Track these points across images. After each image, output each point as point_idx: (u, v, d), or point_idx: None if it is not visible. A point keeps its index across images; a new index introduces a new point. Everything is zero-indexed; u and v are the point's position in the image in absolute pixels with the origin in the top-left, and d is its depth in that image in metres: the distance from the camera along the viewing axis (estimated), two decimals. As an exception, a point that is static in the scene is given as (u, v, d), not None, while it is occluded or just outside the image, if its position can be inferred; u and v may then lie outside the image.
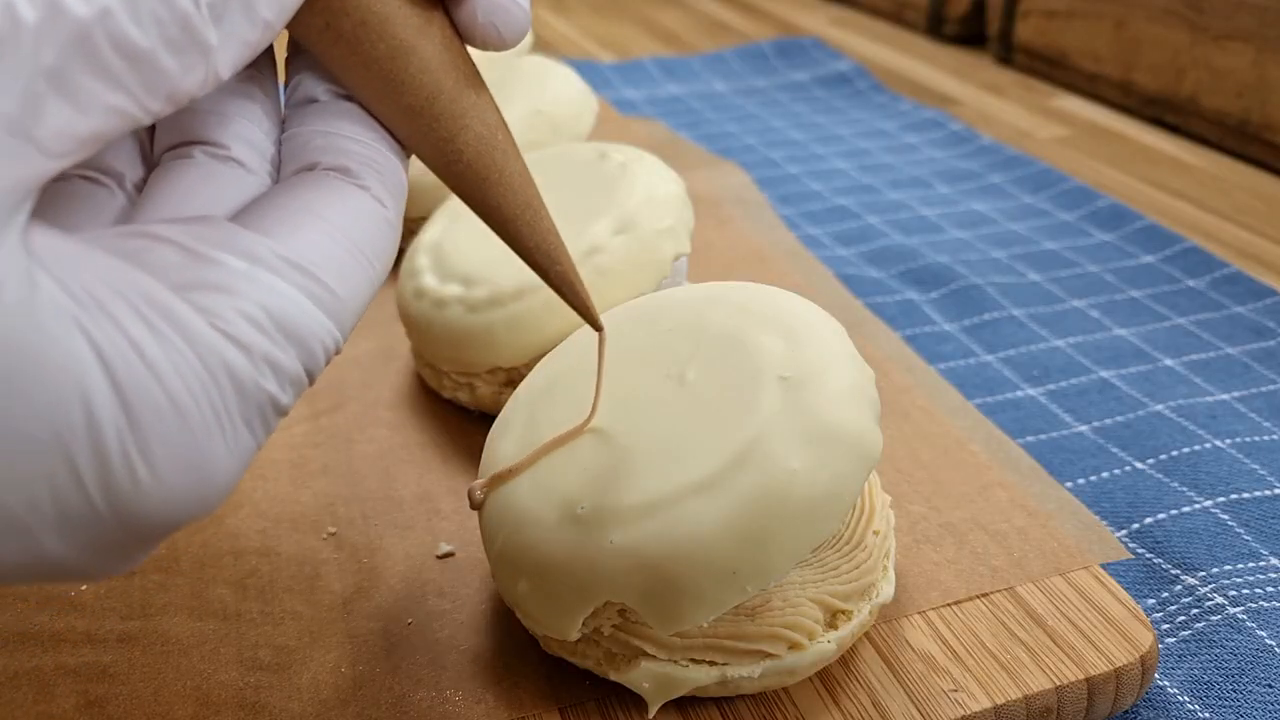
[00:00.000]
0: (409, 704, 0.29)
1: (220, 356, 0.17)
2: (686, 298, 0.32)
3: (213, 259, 0.18)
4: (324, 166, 0.21)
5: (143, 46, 0.16)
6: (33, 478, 0.16)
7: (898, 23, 1.03)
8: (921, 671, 0.30)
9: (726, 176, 0.64)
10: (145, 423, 0.16)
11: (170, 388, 0.17)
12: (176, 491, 0.17)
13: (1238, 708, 0.30)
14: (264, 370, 0.18)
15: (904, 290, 0.54)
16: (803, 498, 0.26)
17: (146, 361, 0.16)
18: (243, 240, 0.19)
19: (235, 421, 0.18)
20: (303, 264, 0.19)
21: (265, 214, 0.20)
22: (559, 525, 0.27)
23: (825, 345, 0.29)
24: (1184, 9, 0.72)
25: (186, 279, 0.18)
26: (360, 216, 0.20)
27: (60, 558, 0.17)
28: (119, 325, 0.16)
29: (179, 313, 0.17)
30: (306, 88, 0.23)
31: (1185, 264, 0.55)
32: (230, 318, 0.18)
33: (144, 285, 0.17)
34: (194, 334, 0.17)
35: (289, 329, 0.19)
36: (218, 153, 0.21)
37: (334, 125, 0.22)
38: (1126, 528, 0.37)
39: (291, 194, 0.20)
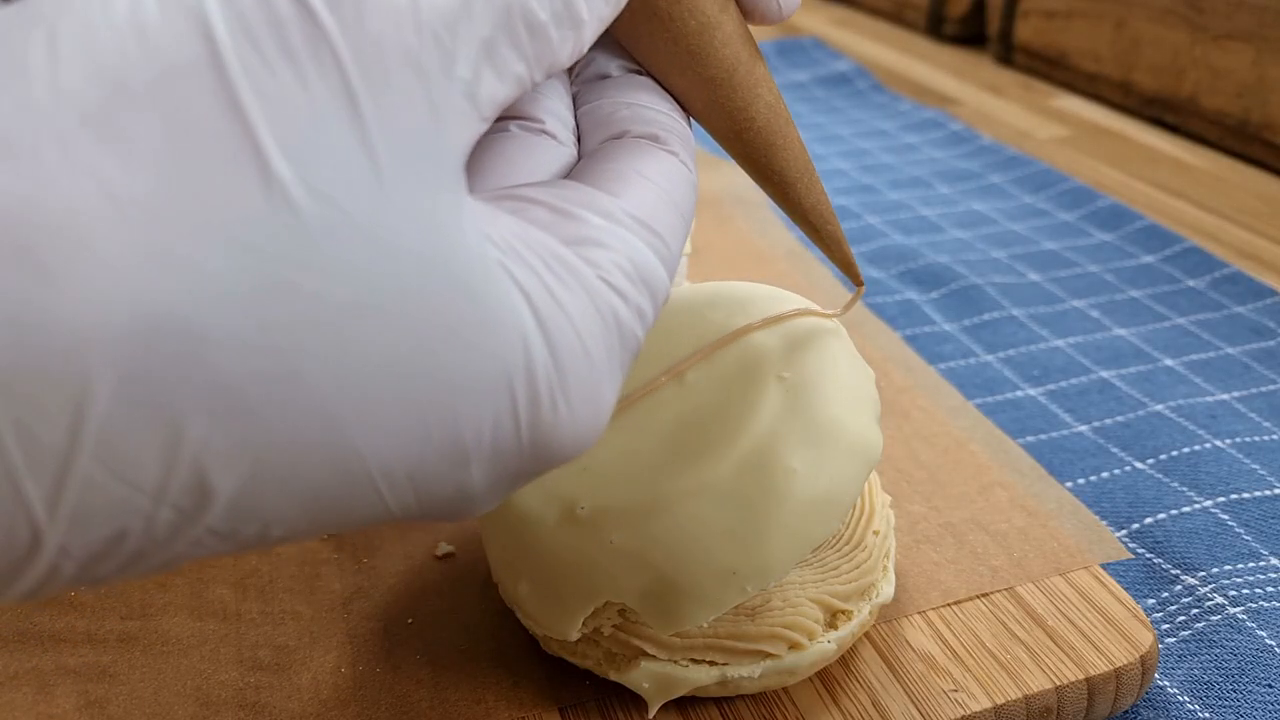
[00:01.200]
0: (409, 704, 0.29)
1: (610, 303, 0.19)
2: (686, 298, 0.32)
3: (579, 216, 0.19)
4: (634, 134, 0.22)
5: (541, 20, 0.18)
6: (481, 412, 0.17)
7: (898, 23, 1.03)
8: (921, 671, 0.30)
9: (726, 176, 0.64)
10: (565, 363, 0.18)
11: (581, 332, 0.18)
12: (581, 426, 0.18)
13: (1238, 708, 0.30)
14: (636, 317, 0.20)
15: (904, 290, 0.54)
16: (803, 498, 0.26)
17: (563, 308, 0.18)
18: (597, 199, 0.20)
19: (619, 362, 0.19)
20: (646, 219, 0.20)
21: (602, 176, 0.21)
22: (559, 525, 0.27)
23: (825, 345, 0.29)
24: (1184, 9, 0.72)
25: (568, 234, 0.19)
26: (675, 178, 0.22)
27: (474, 489, 0.18)
28: (536, 273, 0.18)
29: (574, 264, 0.18)
30: (599, 65, 0.24)
31: (1185, 264, 0.55)
32: (609, 269, 0.19)
33: (543, 240, 0.18)
34: (589, 284, 0.18)
35: (647, 279, 0.20)
36: (532, 126, 0.22)
37: (635, 97, 0.23)
38: (1126, 528, 0.37)
39: (615, 159, 0.21)
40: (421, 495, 0.17)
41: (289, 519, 0.16)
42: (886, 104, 0.82)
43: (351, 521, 0.17)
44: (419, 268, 0.16)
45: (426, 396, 0.16)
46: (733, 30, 0.24)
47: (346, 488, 0.16)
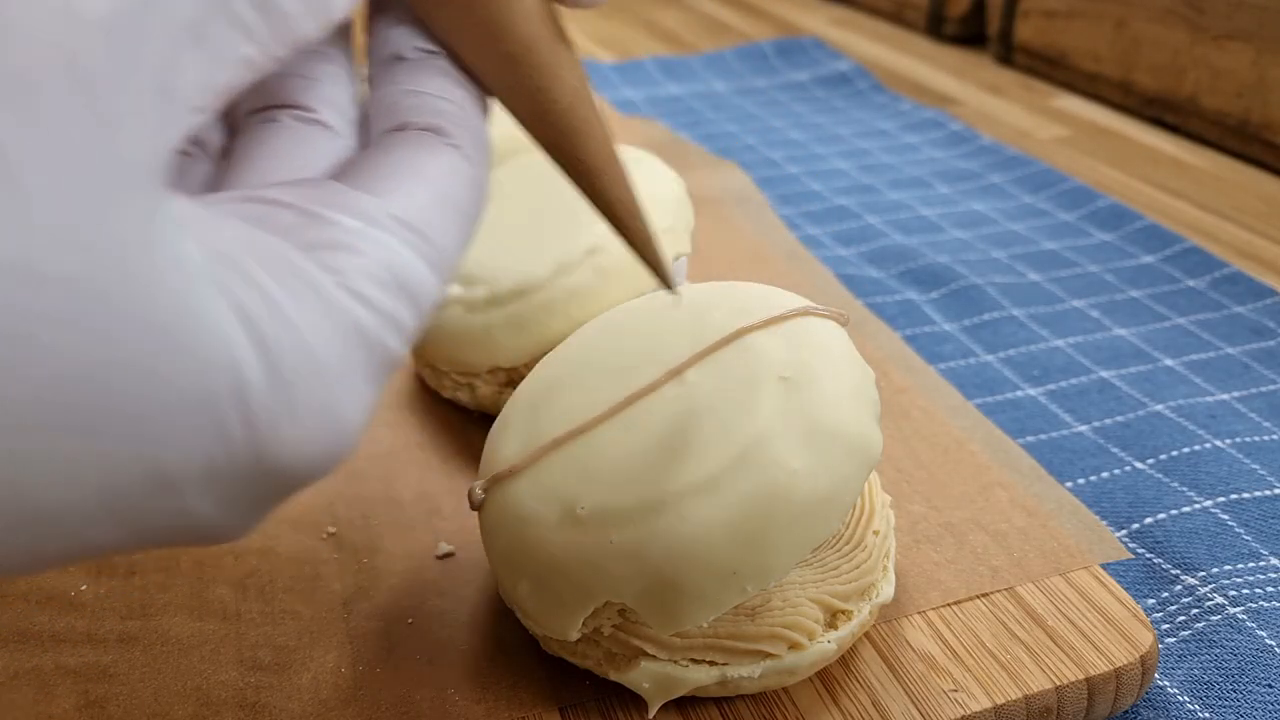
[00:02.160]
0: (409, 704, 0.29)
1: (350, 314, 0.18)
2: (686, 298, 0.32)
3: (330, 219, 0.18)
4: (416, 126, 0.21)
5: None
6: (184, 437, 0.16)
7: (898, 23, 1.03)
8: (921, 671, 0.30)
9: (726, 176, 0.64)
10: (287, 380, 0.17)
11: (308, 345, 0.17)
12: (315, 445, 0.17)
13: (1238, 708, 0.30)
14: (387, 326, 0.18)
15: (904, 290, 0.54)
16: (803, 498, 0.26)
17: (286, 321, 0.17)
18: (355, 200, 0.19)
19: (364, 375, 0.18)
20: (412, 221, 0.19)
21: (368, 173, 0.20)
22: (559, 525, 0.27)
23: (825, 345, 0.29)
24: (1184, 9, 0.72)
25: (309, 240, 0.18)
26: (455, 174, 0.21)
27: (202, 515, 0.17)
28: (258, 286, 0.16)
29: (310, 272, 0.17)
30: (394, 44, 0.23)
31: (1185, 264, 0.55)
32: (355, 276, 0.18)
33: (275, 248, 0.17)
34: (326, 293, 0.17)
35: (405, 285, 0.19)
36: (304, 115, 0.21)
37: (423, 84, 0.22)
38: (1126, 528, 0.37)
39: (390, 153, 0.20)
40: (133, 527, 0.16)
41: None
42: (886, 104, 0.82)
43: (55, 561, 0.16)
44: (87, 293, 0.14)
45: (112, 422, 0.15)
46: (532, 6, 0.22)
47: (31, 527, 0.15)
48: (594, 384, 0.30)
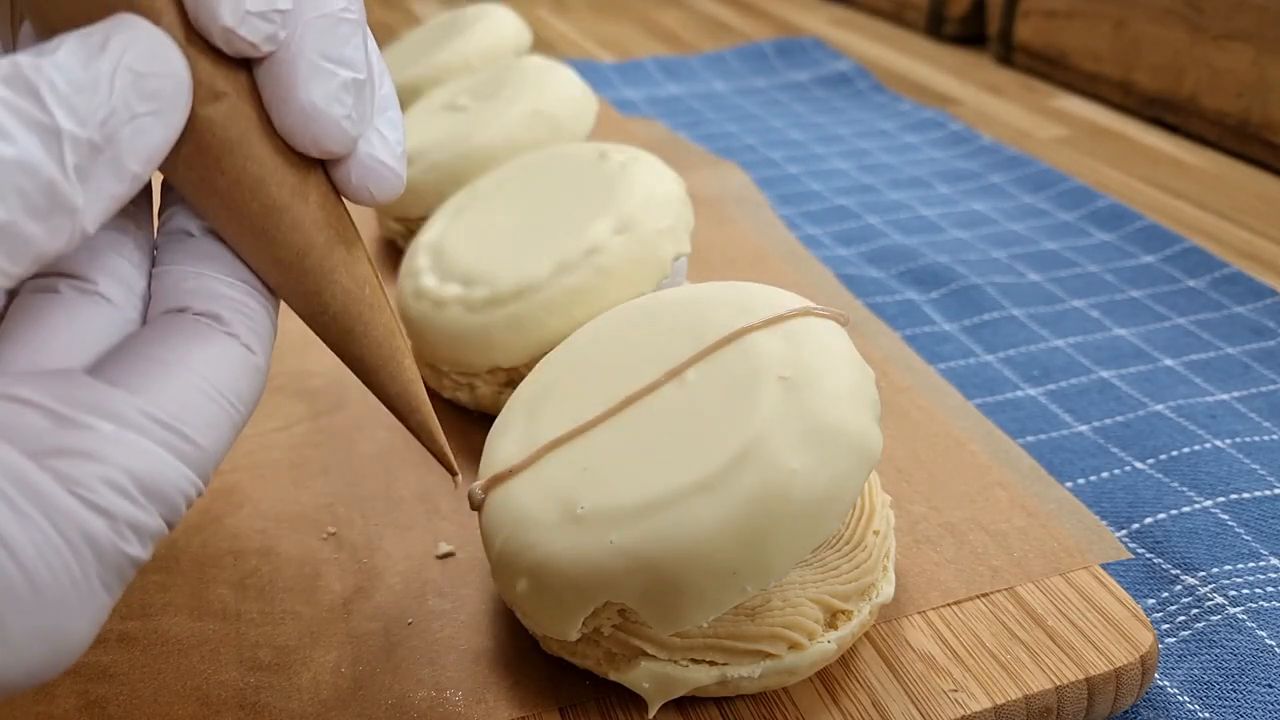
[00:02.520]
0: (409, 704, 0.29)
1: (81, 527, 0.17)
2: (686, 298, 0.32)
3: (80, 423, 0.18)
4: (194, 311, 0.21)
5: (2, 220, 0.16)
6: None
7: (898, 23, 1.03)
8: (921, 671, 0.30)
9: (726, 176, 0.64)
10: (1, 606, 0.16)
11: (26, 565, 0.17)
12: (28, 659, 0.17)
13: (1238, 708, 0.30)
14: (125, 534, 0.18)
15: (904, 290, 0.54)
16: (803, 498, 0.26)
17: (4, 542, 0.17)
18: (110, 400, 0.19)
19: (93, 585, 0.18)
20: (169, 421, 0.19)
21: (133, 365, 0.20)
22: (559, 525, 0.27)
23: (825, 345, 0.29)
24: (1184, 9, 0.72)
25: (50, 445, 0.18)
26: (228, 364, 0.21)
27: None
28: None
29: (39, 484, 0.17)
30: (180, 220, 0.23)
31: (1185, 264, 0.55)
32: (93, 485, 0.18)
33: (6, 458, 0.17)
34: (54, 506, 0.17)
35: (153, 489, 0.19)
36: (85, 288, 0.21)
37: (206, 266, 0.22)
38: (1126, 528, 0.37)
39: (161, 342, 0.20)
40: None
41: None
42: (886, 104, 0.82)
43: None
44: None
45: None
46: (304, 215, 0.22)
47: None
48: (594, 384, 0.30)
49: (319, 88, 0.21)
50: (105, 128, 0.18)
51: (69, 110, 0.17)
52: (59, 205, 0.17)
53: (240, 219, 0.22)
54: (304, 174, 0.22)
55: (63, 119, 0.17)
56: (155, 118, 0.19)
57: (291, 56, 0.21)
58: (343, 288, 0.23)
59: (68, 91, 0.17)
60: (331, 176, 0.23)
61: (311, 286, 0.23)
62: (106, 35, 0.18)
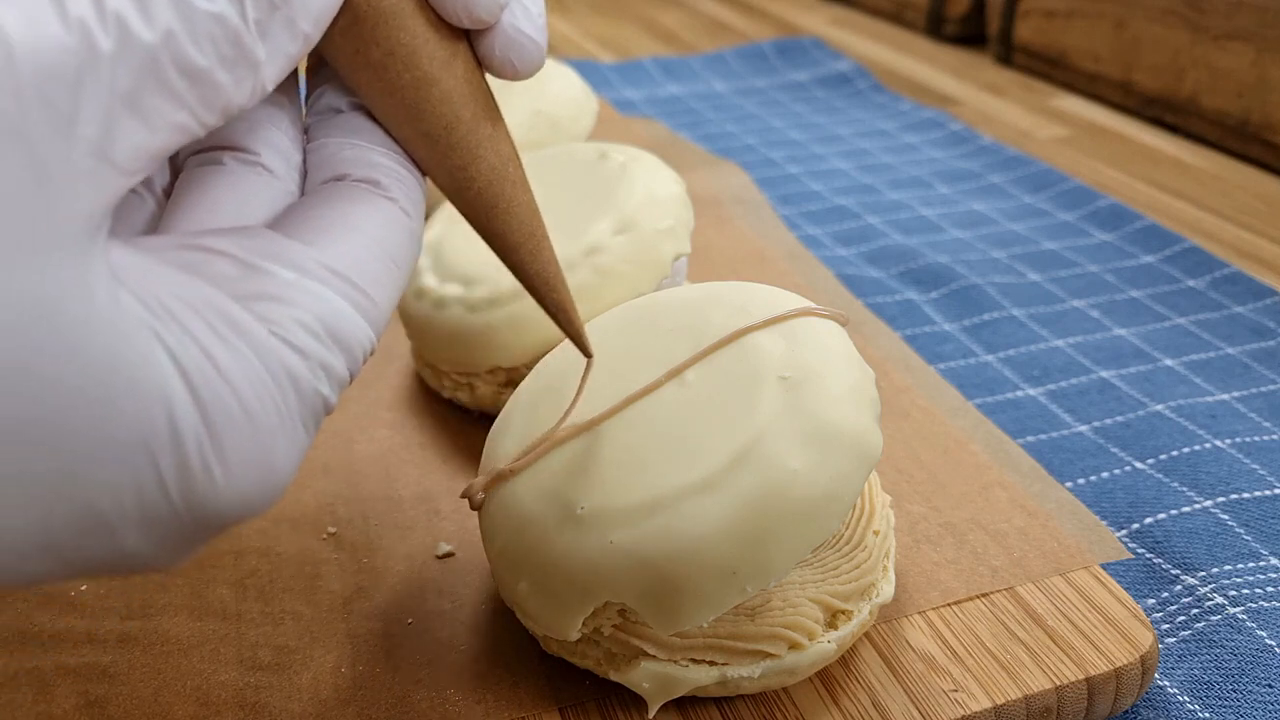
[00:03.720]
0: (409, 704, 0.29)
1: (283, 363, 0.18)
2: (686, 298, 0.32)
3: (265, 270, 0.19)
4: (354, 178, 0.22)
5: (201, 65, 0.17)
6: (120, 480, 0.17)
7: (898, 23, 1.03)
8: (921, 671, 0.30)
9: (726, 176, 0.64)
10: (220, 428, 0.17)
11: (241, 394, 0.18)
12: (245, 489, 0.18)
13: (1238, 708, 0.30)
14: (319, 375, 0.19)
15: (904, 290, 0.54)
16: (803, 498, 0.26)
17: (220, 370, 0.17)
18: (291, 251, 0.19)
19: (295, 422, 0.19)
20: (345, 273, 0.20)
21: (305, 223, 0.20)
22: (559, 525, 0.27)
23: (825, 345, 0.29)
24: (1184, 9, 0.72)
25: (245, 290, 0.18)
26: (391, 226, 0.21)
27: (135, 552, 0.18)
28: (193, 336, 0.17)
29: (244, 323, 0.18)
30: (330, 99, 0.23)
31: (1185, 264, 0.55)
32: (288, 326, 0.19)
33: (210, 297, 0.18)
34: (259, 342, 0.18)
35: (337, 335, 0.20)
36: (247, 159, 0.22)
37: (360, 137, 0.23)
38: (1126, 528, 0.37)
39: (327, 204, 0.21)
40: (66, 561, 0.17)
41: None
42: (886, 104, 0.82)
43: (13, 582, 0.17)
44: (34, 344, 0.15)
45: (48, 467, 0.16)
46: (453, 87, 0.23)
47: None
48: (594, 384, 0.30)
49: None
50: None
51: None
52: (244, 57, 0.18)
53: (392, 91, 0.22)
54: (452, 46, 0.23)
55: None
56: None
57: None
58: (488, 163, 0.24)
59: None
60: (476, 50, 0.24)
61: (458, 161, 0.23)
62: None
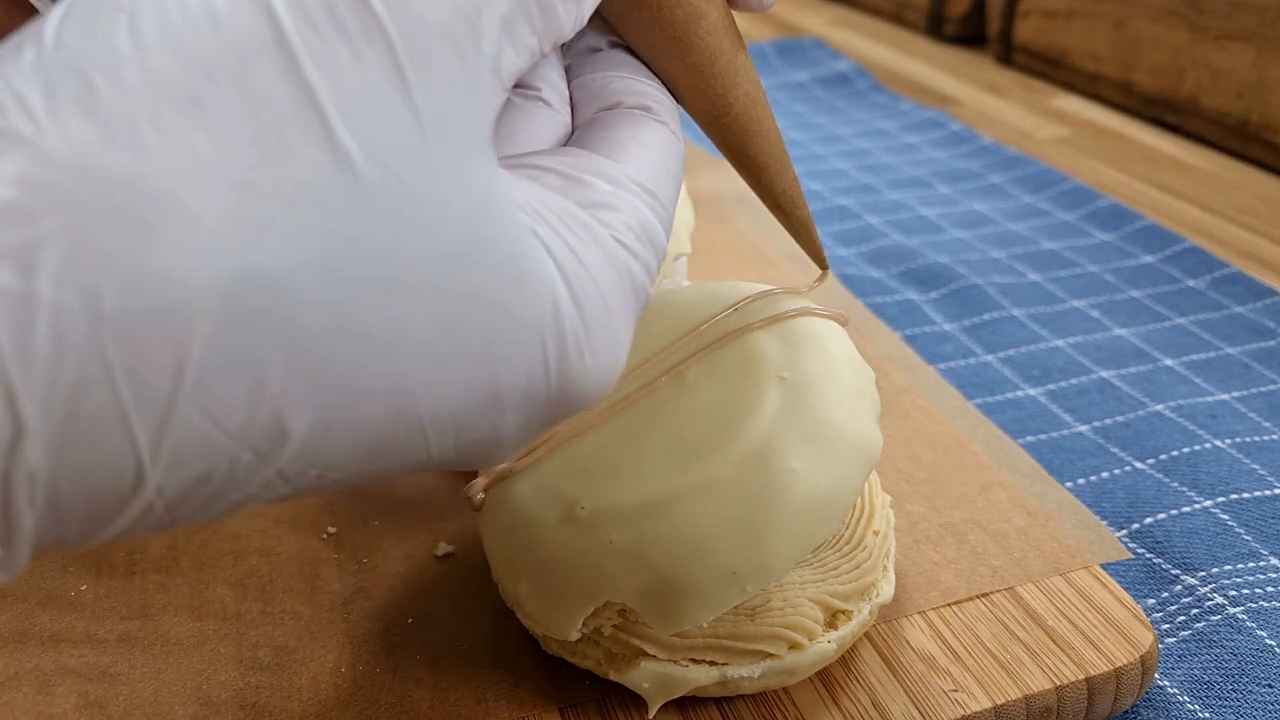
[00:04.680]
0: (409, 704, 0.29)
1: (623, 261, 0.20)
2: (687, 298, 0.32)
3: (588, 182, 0.21)
4: (628, 105, 0.23)
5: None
6: (517, 362, 0.18)
7: (898, 23, 1.03)
8: (921, 671, 0.30)
9: (726, 176, 0.64)
10: (589, 316, 0.19)
11: (601, 286, 0.19)
12: (602, 373, 0.20)
13: (1238, 708, 0.30)
14: (645, 272, 0.21)
15: (904, 290, 0.54)
16: (803, 498, 0.26)
17: (584, 265, 0.19)
18: (603, 166, 0.21)
19: (633, 313, 0.21)
20: (647, 184, 0.22)
21: (603, 143, 0.22)
22: (559, 525, 0.27)
23: (825, 345, 0.29)
24: (1184, 9, 0.72)
25: (581, 198, 0.20)
26: (669, 146, 0.23)
27: (506, 435, 0.19)
28: (560, 235, 0.19)
29: (591, 225, 0.20)
30: (588, 39, 0.25)
31: (1185, 264, 0.55)
32: (621, 229, 0.20)
33: (561, 204, 0.20)
34: (605, 243, 0.20)
35: (652, 239, 0.21)
36: (530, 95, 0.23)
37: (624, 70, 0.24)
38: (1126, 528, 0.37)
39: (616, 127, 0.23)
40: (461, 440, 0.19)
41: (346, 462, 0.18)
42: (886, 104, 0.82)
43: (395, 466, 0.18)
44: (462, 229, 0.17)
45: (470, 347, 0.18)
46: (717, 20, 0.24)
47: (398, 431, 0.18)
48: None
49: None
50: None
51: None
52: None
53: (663, 25, 0.24)
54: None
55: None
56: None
57: None
58: (744, 90, 0.26)
59: None
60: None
61: (720, 89, 0.25)
62: None
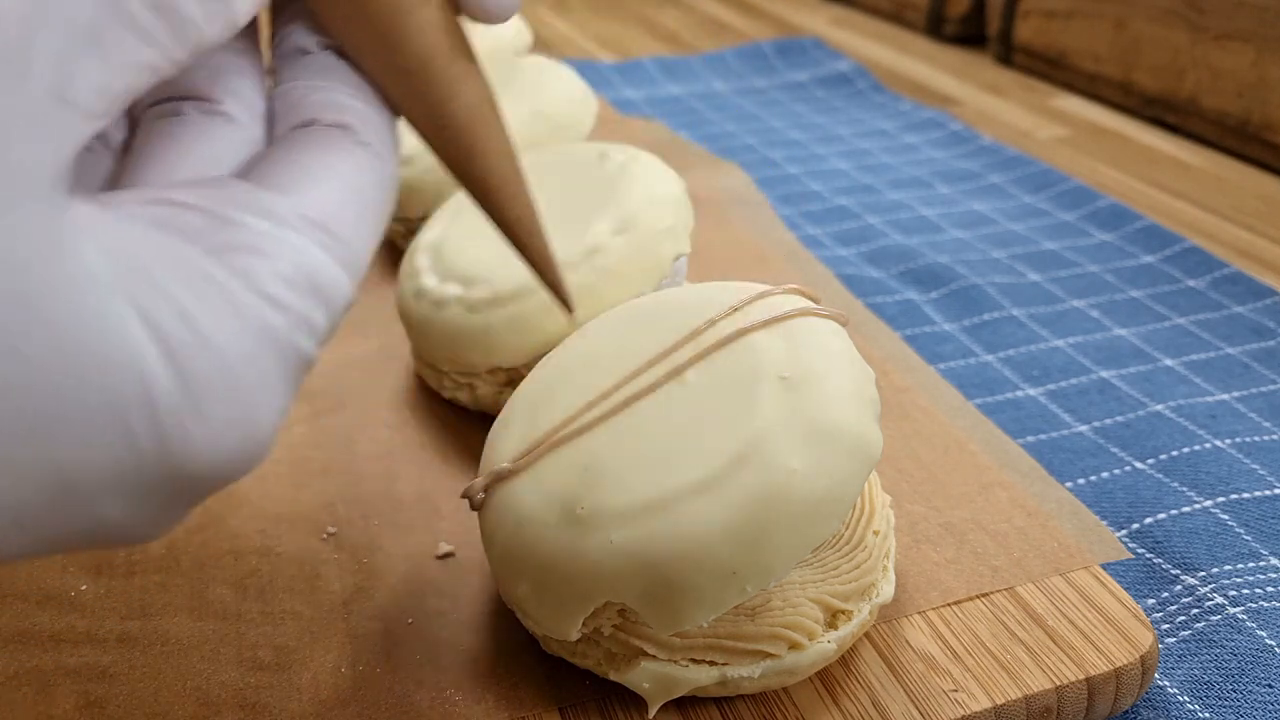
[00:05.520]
0: (409, 704, 0.29)
1: (260, 317, 0.18)
2: (686, 298, 0.32)
3: (237, 221, 0.18)
4: (324, 123, 0.21)
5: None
6: (91, 444, 0.16)
7: (898, 23, 1.03)
8: (921, 671, 0.30)
9: (726, 176, 0.64)
10: (197, 388, 0.17)
11: (219, 353, 0.17)
12: (226, 451, 0.17)
13: (1238, 708, 0.30)
14: (299, 327, 0.18)
15: (904, 290, 0.54)
16: (803, 498, 0.26)
17: (195, 328, 0.17)
18: (263, 200, 0.18)
19: (276, 380, 0.18)
20: (321, 220, 0.19)
21: (276, 172, 0.19)
22: (559, 525, 0.27)
23: (825, 345, 0.29)
24: (1184, 9, 0.72)
25: (217, 243, 0.17)
26: (365, 171, 0.20)
27: (115, 521, 0.17)
28: (166, 294, 0.16)
29: (218, 277, 0.17)
30: (297, 38, 0.22)
31: (1185, 264, 0.55)
32: (266, 279, 0.18)
33: (182, 252, 0.17)
34: (235, 297, 0.17)
35: (316, 286, 0.19)
36: (210, 108, 0.21)
37: (329, 80, 0.21)
38: (1126, 528, 0.37)
39: (298, 150, 0.20)
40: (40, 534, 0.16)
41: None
42: (886, 104, 0.82)
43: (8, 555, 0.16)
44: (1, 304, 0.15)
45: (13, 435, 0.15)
46: (431, 18, 0.22)
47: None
48: (594, 384, 0.30)
49: None
50: None
51: None
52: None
53: (368, 19, 0.21)
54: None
55: None
56: None
57: None
58: (465, 101, 0.22)
59: None
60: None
61: (435, 98, 0.22)
62: None
